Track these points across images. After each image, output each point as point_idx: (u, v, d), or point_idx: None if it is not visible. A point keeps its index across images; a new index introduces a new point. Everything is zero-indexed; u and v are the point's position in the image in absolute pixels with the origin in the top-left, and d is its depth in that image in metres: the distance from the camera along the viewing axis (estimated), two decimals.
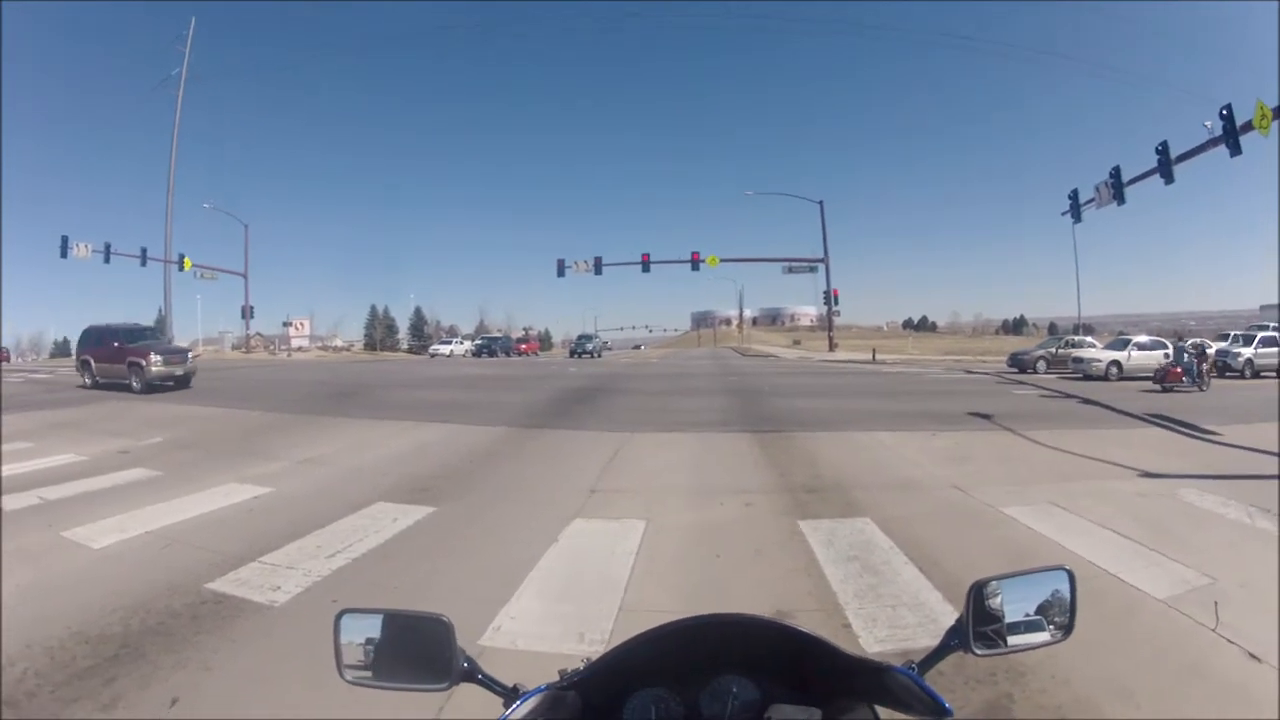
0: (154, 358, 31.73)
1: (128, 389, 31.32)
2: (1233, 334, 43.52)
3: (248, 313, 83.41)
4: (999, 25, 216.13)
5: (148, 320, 51.72)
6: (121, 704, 4.95)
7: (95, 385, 33.80)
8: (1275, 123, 25.78)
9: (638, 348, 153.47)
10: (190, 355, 36.26)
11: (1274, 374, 39.83)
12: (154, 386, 31.45)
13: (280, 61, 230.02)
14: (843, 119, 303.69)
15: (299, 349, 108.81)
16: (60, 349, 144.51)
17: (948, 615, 6.25)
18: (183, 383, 33.16)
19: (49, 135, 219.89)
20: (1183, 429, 19.01)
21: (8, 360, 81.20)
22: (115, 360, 32.65)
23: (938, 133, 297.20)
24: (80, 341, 37.63)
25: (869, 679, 1.76)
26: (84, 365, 35.25)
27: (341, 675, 1.85)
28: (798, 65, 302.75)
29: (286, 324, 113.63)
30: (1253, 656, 5.56)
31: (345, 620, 1.88)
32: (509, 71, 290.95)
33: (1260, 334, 42.99)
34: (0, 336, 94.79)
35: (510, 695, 1.79)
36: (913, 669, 1.79)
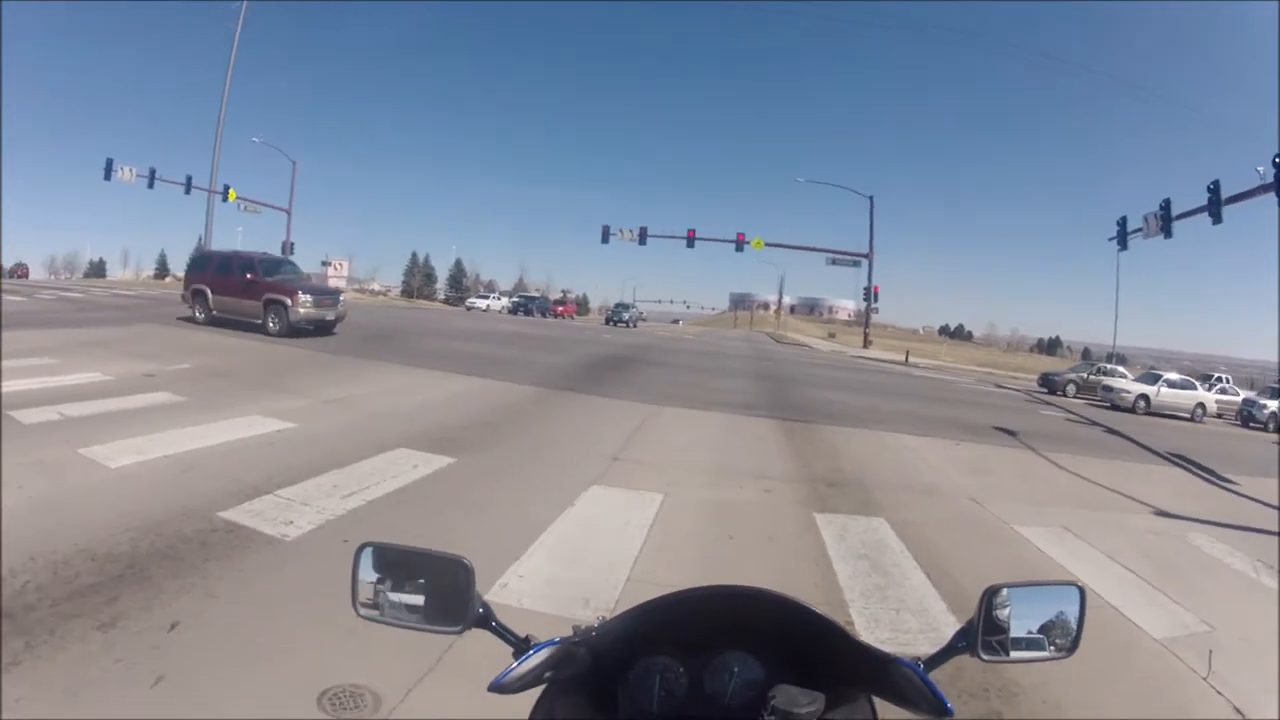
0: (303, 297, 27.32)
1: (256, 329, 27.24)
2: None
3: (288, 249, 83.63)
4: (1071, 43, 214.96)
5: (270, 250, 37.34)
6: (121, 623, 4.97)
7: (210, 321, 28.87)
8: None
9: (676, 322, 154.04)
10: (341, 297, 31.09)
11: None
12: (297, 330, 26.95)
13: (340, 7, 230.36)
14: (902, 117, 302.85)
15: (338, 289, 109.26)
16: (95, 269, 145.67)
17: (950, 625, 6.23)
18: (326, 329, 28.52)
19: (101, 57, 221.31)
20: (1202, 473, 18.87)
21: (25, 276, 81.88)
22: (247, 295, 27.73)
23: (997, 142, 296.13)
24: (192, 266, 32.74)
25: (873, 669, 1.72)
26: (197, 296, 29.53)
27: (355, 609, 1.84)
28: (863, 60, 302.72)
29: (325, 263, 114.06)
30: (1237, 711, 5.54)
31: (366, 553, 1.87)
32: (570, 35, 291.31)
33: None
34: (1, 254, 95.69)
35: (522, 645, 1.78)
36: (919, 665, 1.76)
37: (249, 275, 28.17)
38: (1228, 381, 48.60)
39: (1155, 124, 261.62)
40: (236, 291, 28.27)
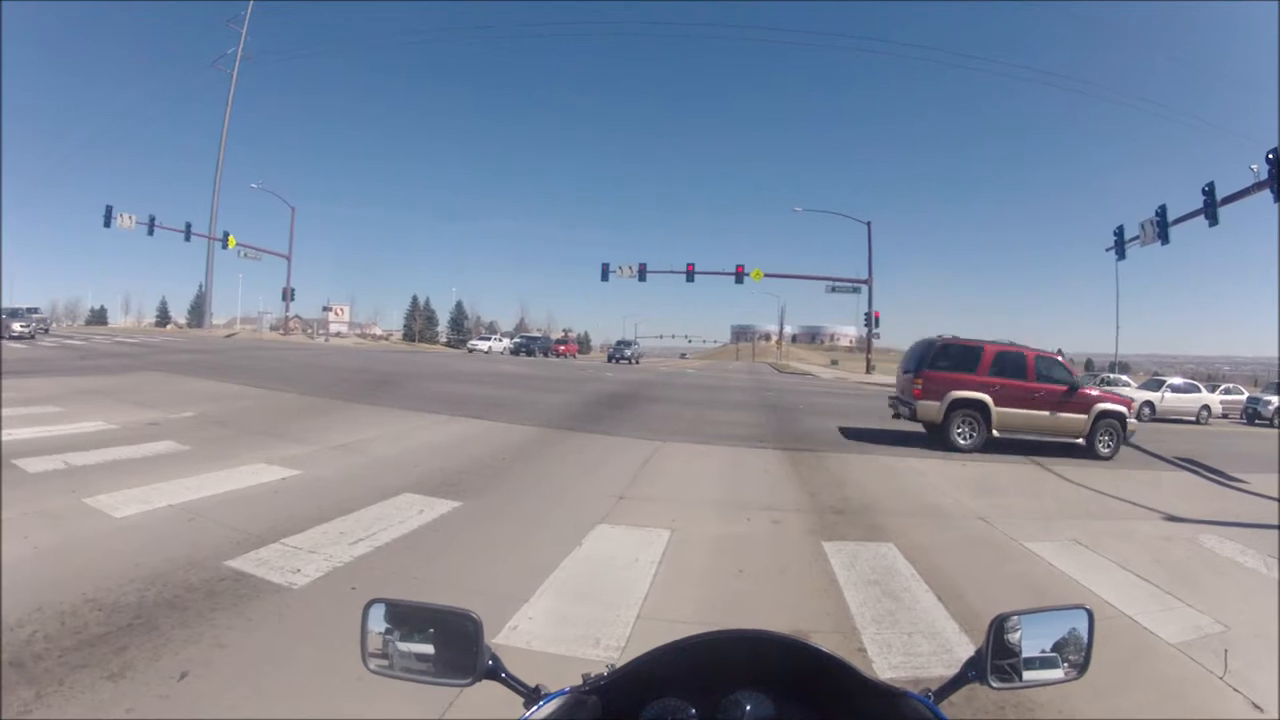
0: None
1: None
2: (1164, 379, 43.25)
3: (288, 295, 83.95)
4: (1052, 54, 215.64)
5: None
6: (130, 673, 4.94)
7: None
8: None
9: (683, 356, 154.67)
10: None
11: None
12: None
13: (334, 48, 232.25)
14: (895, 142, 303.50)
15: (337, 334, 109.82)
16: (97, 316, 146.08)
17: (963, 646, 6.27)
18: None
19: (102, 105, 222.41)
20: (1210, 474, 18.89)
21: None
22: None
23: (990, 159, 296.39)
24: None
25: (884, 704, 1.74)
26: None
27: (365, 663, 1.87)
28: (852, 85, 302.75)
29: (326, 309, 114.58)
30: (1256, 706, 5.54)
31: (374, 609, 1.90)
32: (565, 73, 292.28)
33: None
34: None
35: (532, 696, 1.81)
36: (929, 697, 1.83)
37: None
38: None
39: (1146, 129, 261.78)
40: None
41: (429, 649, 1.84)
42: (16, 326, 50.33)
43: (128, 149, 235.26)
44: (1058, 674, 1.91)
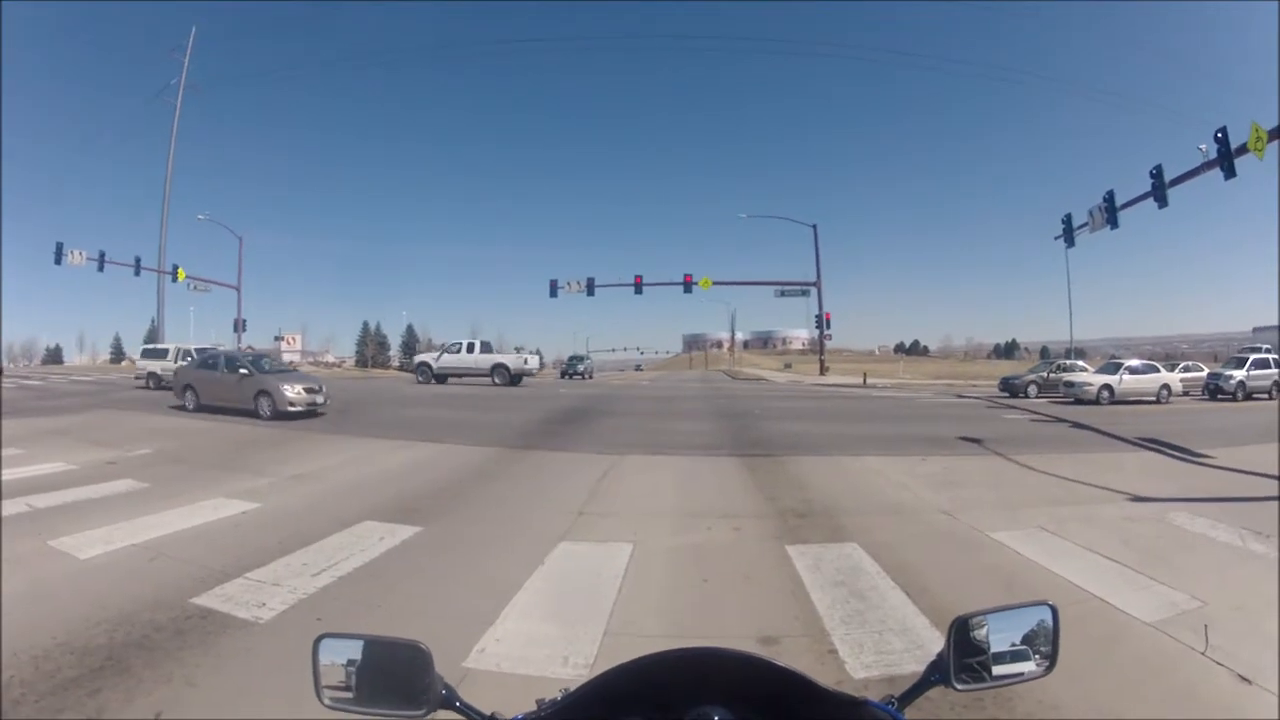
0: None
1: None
2: (1122, 362, 43.54)
3: (240, 326, 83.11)
4: (991, 48, 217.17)
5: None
6: (105, 715, 4.96)
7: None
8: (1271, 144, 25.93)
9: (638, 368, 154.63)
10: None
11: (1266, 396, 40.19)
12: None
13: (276, 75, 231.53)
14: (837, 142, 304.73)
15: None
16: (52, 356, 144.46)
17: (935, 641, 6.22)
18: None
19: (45, 141, 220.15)
20: (1174, 452, 19.10)
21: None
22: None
23: (931, 156, 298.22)
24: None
25: (848, 713, 1.76)
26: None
27: (320, 699, 1.87)
28: (791, 88, 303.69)
29: (278, 338, 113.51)
30: (1243, 679, 5.59)
31: (325, 644, 1.91)
32: (504, 89, 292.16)
33: (1253, 356, 43.37)
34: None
35: None
36: (893, 703, 1.85)
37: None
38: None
39: (1091, 117, 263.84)
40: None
41: (380, 683, 1.85)
42: None
43: (74, 184, 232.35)
44: (1028, 667, 1.94)
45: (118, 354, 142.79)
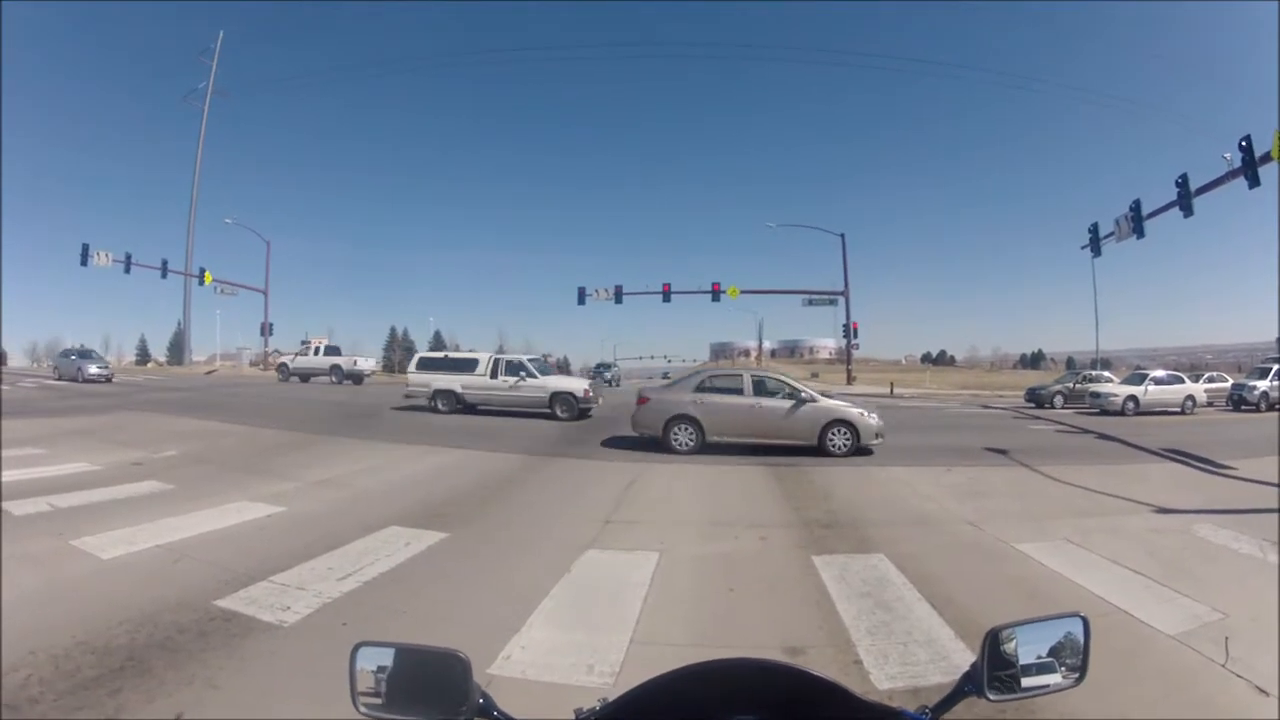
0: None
1: None
2: (1147, 373, 43.24)
3: (267, 330, 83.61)
4: (1015, 56, 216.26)
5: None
6: (125, 716, 4.95)
7: None
8: None
9: (666, 376, 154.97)
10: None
11: None
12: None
13: (304, 80, 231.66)
14: (865, 152, 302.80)
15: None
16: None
17: (960, 652, 6.26)
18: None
19: (76, 142, 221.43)
20: (1198, 464, 19.01)
21: (4, 363, 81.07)
22: None
23: (959, 166, 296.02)
24: None
25: None
26: None
27: (356, 707, 1.84)
28: (820, 97, 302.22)
29: (305, 342, 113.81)
30: (1261, 690, 5.57)
31: (363, 652, 1.88)
32: (534, 98, 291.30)
33: (1277, 366, 43.20)
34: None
35: None
36: (926, 714, 1.86)
37: None
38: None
39: (1117, 126, 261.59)
40: None
41: (418, 690, 1.83)
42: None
43: (103, 186, 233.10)
44: (1056, 680, 1.92)
45: (143, 355, 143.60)
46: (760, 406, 21.16)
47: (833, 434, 20.59)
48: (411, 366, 33.61)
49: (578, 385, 30.96)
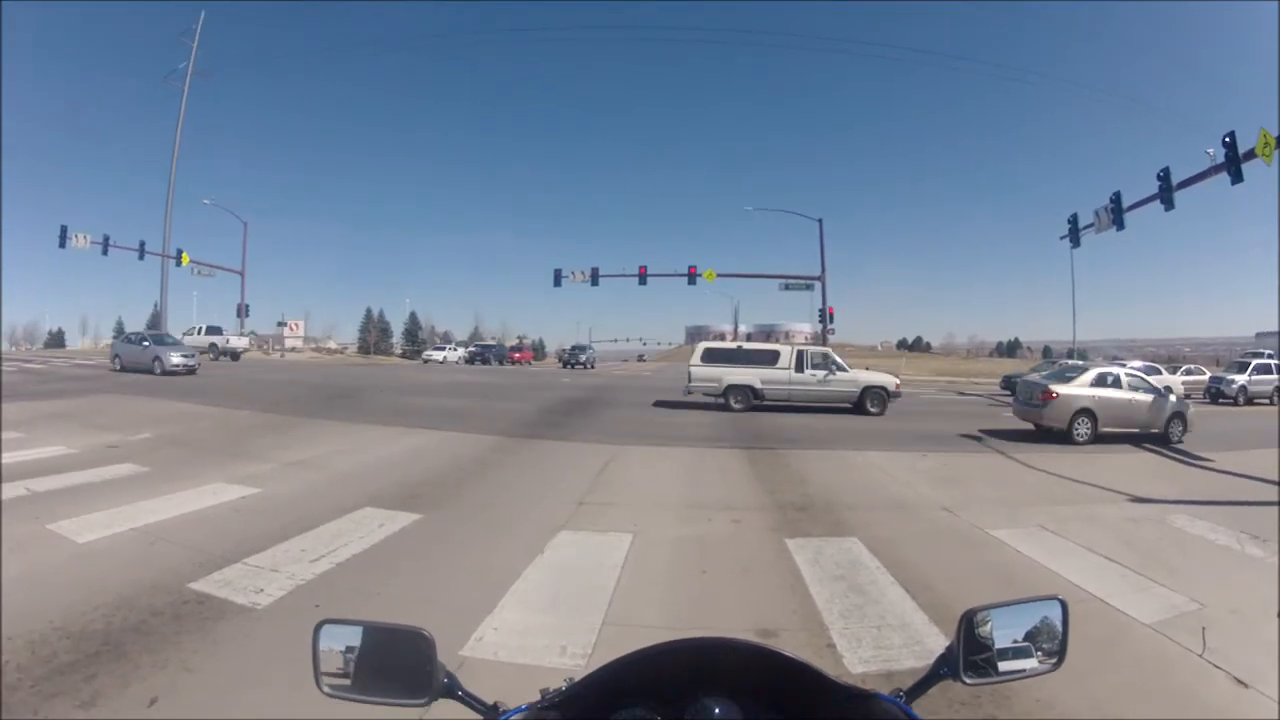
0: None
1: None
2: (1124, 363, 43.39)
3: (243, 311, 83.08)
4: (998, 48, 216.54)
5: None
6: (101, 701, 4.94)
7: None
8: (1279, 151, 25.93)
9: (641, 359, 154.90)
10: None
11: (1268, 401, 40.22)
12: None
13: (282, 61, 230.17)
14: (844, 137, 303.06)
15: (293, 349, 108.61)
16: (55, 339, 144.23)
17: (933, 637, 6.29)
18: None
19: (52, 124, 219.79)
20: (1175, 455, 19.17)
21: None
22: None
23: (939, 153, 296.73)
24: None
25: (856, 706, 1.73)
26: None
27: (319, 686, 1.84)
28: (799, 83, 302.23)
29: (281, 324, 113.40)
30: (1239, 682, 5.61)
31: (325, 630, 1.87)
32: (510, 80, 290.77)
33: (1255, 361, 43.39)
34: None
35: (490, 713, 1.80)
36: (900, 697, 1.82)
37: None
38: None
39: (1098, 119, 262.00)
40: None
41: (383, 669, 1.82)
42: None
43: (79, 168, 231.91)
44: (1034, 665, 1.91)
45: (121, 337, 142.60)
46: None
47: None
48: (695, 358, 30.71)
49: (889, 379, 29.72)
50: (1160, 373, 42.23)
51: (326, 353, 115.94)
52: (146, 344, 43.73)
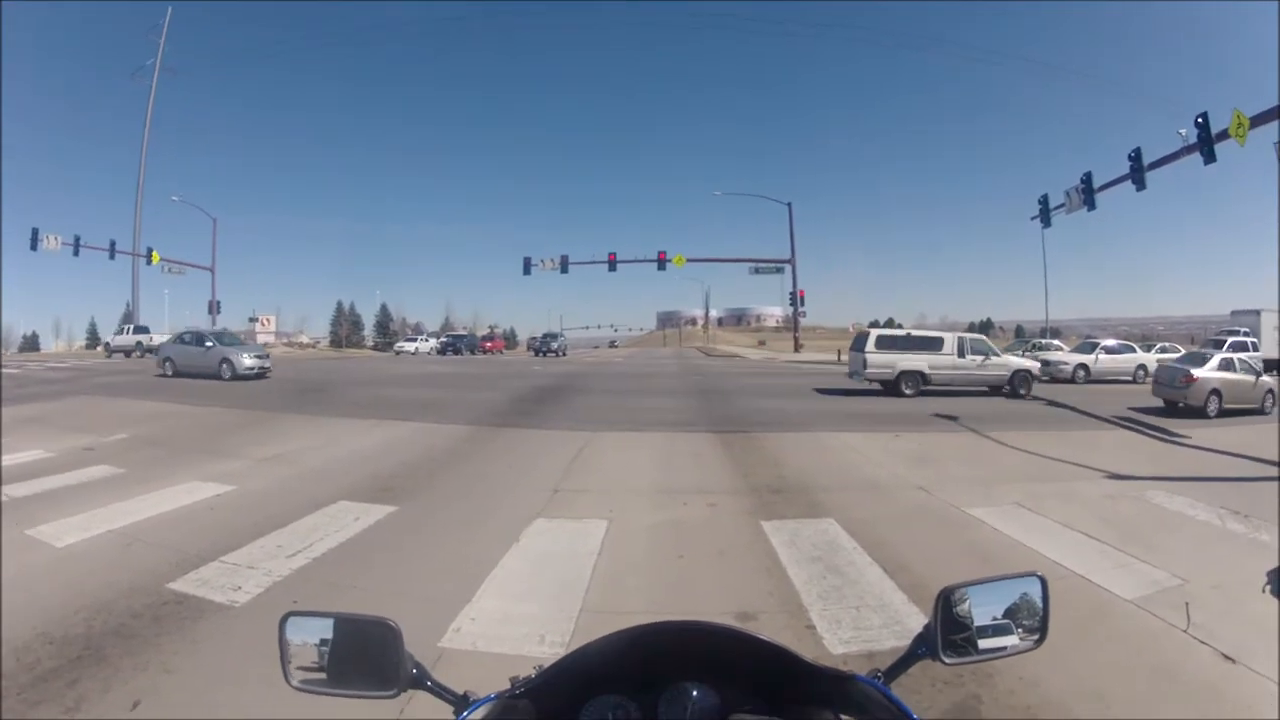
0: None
1: None
2: (1098, 342, 43.58)
3: (214, 308, 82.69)
4: (970, 26, 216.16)
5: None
6: (85, 706, 4.96)
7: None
8: (1253, 131, 26.13)
9: (613, 344, 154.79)
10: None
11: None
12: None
13: (246, 55, 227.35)
14: (811, 119, 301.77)
15: (265, 345, 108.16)
16: (29, 343, 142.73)
17: (913, 617, 6.35)
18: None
19: (18, 123, 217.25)
20: (1151, 432, 19.28)
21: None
22: None
23: (906, 134, 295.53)
24: None
25: (834, 688, 1.74)
26: None
27: (288, 680, 1.83)
28: (765, 65, 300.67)
29: (253, 320, 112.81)
30: (1226, 657, 5.66)
31: (292, 622, 1.86)
32: (475, 67, 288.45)
33: (1231, 339, 43.52)
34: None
35: (460, 703, 1.78)
36: (879, 677, 1.82)
37: None
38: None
39: (1070, 100, 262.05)
40: None
41: (352, 661, 1.79)
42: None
43: (47, 168, 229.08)
44: (1014, 642, 1.89)
45: (94, 339, 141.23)
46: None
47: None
48: (870, 345, 31.32)
49: (1032, 364, 32.06)
50: (1134, 350, 42.38)
51: (299, 347, 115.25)
52: (210, 345, 37.50)
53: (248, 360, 36.15)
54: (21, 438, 16.95)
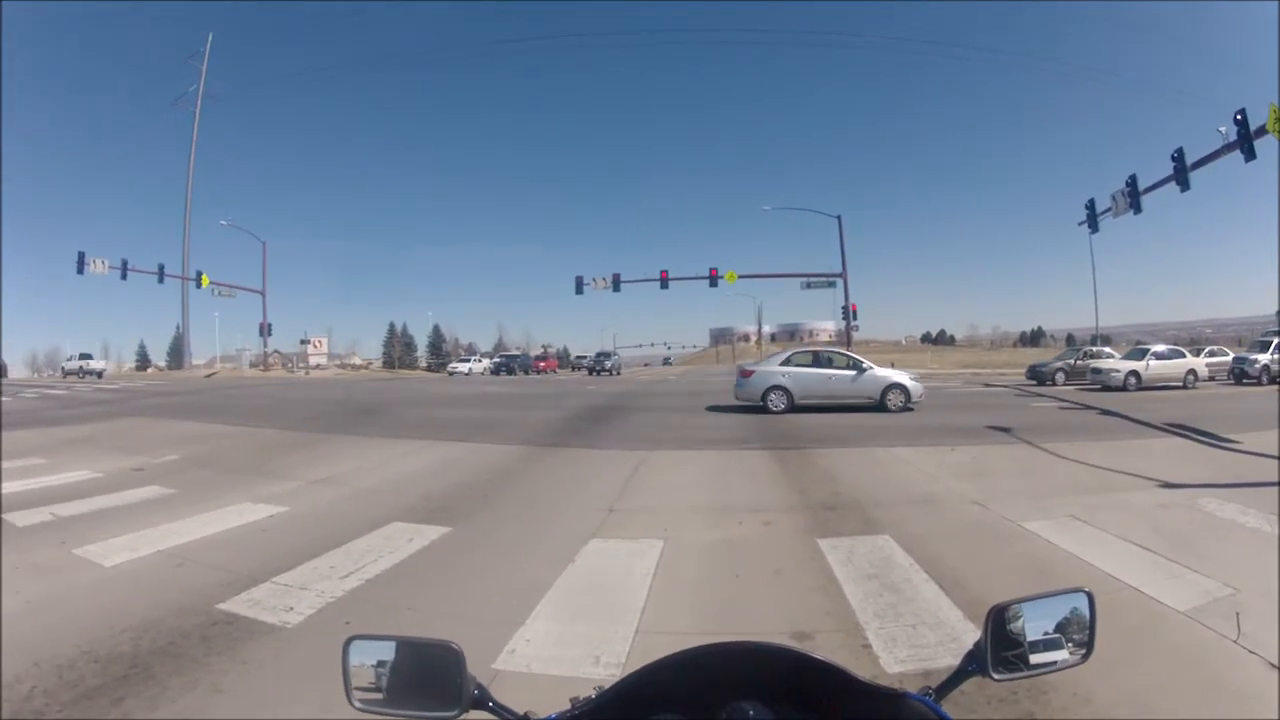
0: None
1: None
2: (1148, 348, 43.38)
3: (266, 330, 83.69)
4: (1007, 36, 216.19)
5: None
6: None
7: None
8: None
9: (667, 362, 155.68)
10: None
11: None
12: None
13: (298, 77, 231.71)
14: (860, 132, 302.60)
15: (317, 367, 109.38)
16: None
17: (969, 633, 6.20)
18: None
19: (67, 150, 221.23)
20: (1202, 437, 18.98)
21: (5, 375, 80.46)
22: None
23: (954, 144, 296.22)
24: None
25: (885, 705, 1.74)
26: None
27: (350, 701, 1.85)
28: (813, 81, 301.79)
29: (304, 341, 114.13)
30: (1273, 666, 5.53)
31: (355, 646, 1.89)
32: (528, 88, 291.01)
33: (1277, 339, 43.17)
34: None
35: None
36: (930, 694, 1.86)
37: None
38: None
39: (1111, 103, 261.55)
40: None
41: (413, 683, 1.82)
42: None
43: (96, 193, 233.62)
44: (1063, 657, 1.90)
45: (143, 361, 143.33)
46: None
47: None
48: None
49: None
50: (1184, 355, 42.03)
51: (351, 369, 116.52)
52: None
53: None
54: (70, 458, 17.19)
